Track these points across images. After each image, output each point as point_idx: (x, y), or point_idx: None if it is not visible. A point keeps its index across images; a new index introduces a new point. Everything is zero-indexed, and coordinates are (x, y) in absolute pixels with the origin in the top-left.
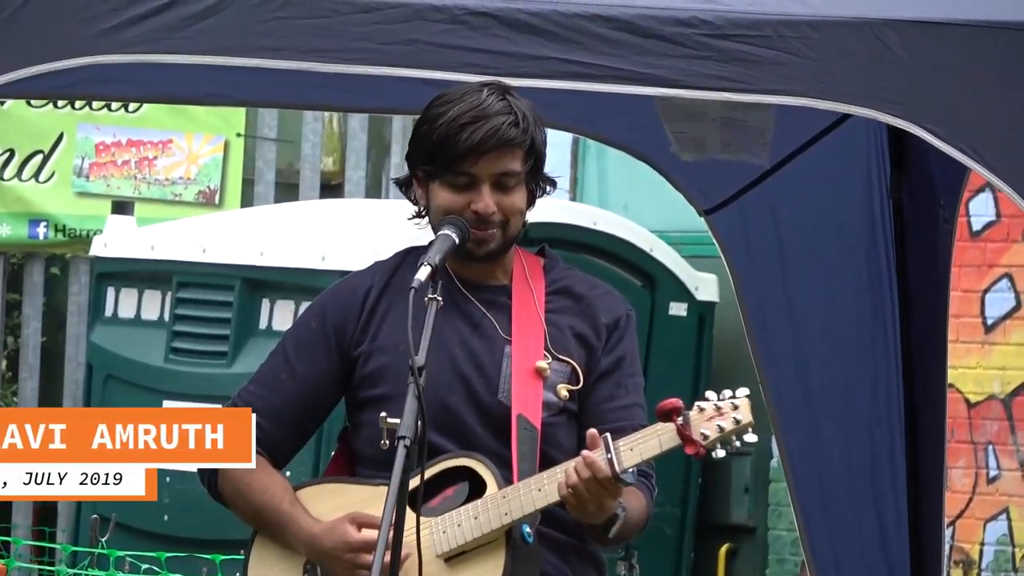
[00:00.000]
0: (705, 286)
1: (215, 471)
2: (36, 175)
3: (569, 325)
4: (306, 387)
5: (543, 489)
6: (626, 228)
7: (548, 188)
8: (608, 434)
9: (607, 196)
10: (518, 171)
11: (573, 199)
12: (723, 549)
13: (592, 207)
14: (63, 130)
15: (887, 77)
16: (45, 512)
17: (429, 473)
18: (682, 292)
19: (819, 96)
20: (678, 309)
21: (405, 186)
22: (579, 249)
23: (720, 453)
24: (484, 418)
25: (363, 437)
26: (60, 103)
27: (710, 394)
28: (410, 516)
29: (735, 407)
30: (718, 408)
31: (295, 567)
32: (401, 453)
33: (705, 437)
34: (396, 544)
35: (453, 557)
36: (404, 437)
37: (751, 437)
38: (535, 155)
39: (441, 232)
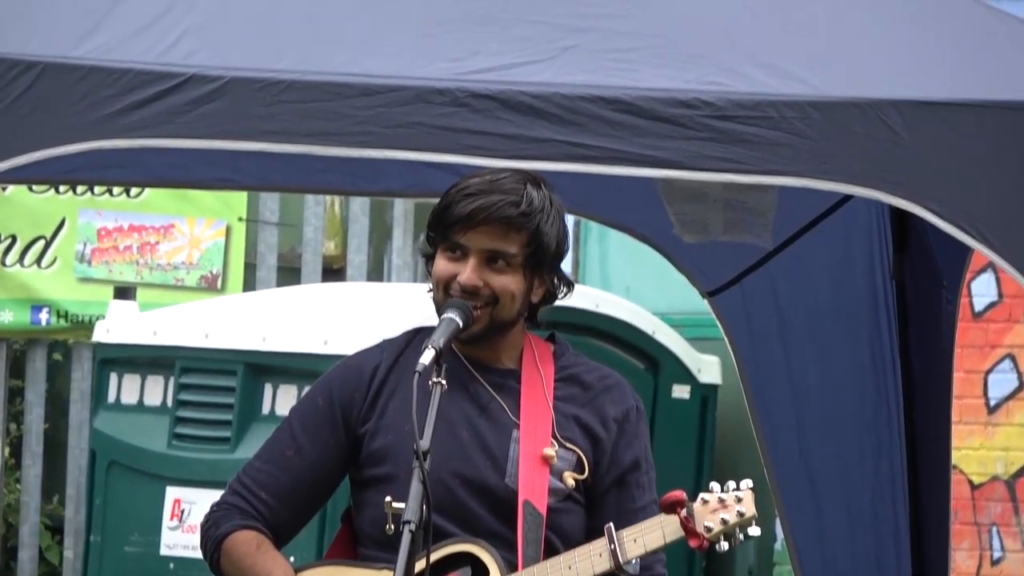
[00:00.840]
0: (708, 368)
1: (218, 546)
2: (38, 261)
3: (576, 415)
4: (312, 466)
5: None
6: (628, 310)
7: (563, 287)
8: (611, 524)
9: (609, 278)
10: (511, 253)
11: (575, 282)
12: None
13: (594, 289)
14: (65, 216)
15: (889, 157)
16: None
17: (433, 558)
18: (685, 374)
19: (821, 177)
20: (681, 391)
21: (429, 259)
22: (581, 331)
23: (724, 546)
24: (489, 501)
25: (366, 516)
26: (62, 189)
27: (714, 485)
28: None
29: (739, 500)
30: (722, 500)
31: None
32: (406, 538)
33: (709, 530)
34: None
35: None
36: (409, 522)
37: (754, 530)
38: (537, 244)
39: (445, 316)
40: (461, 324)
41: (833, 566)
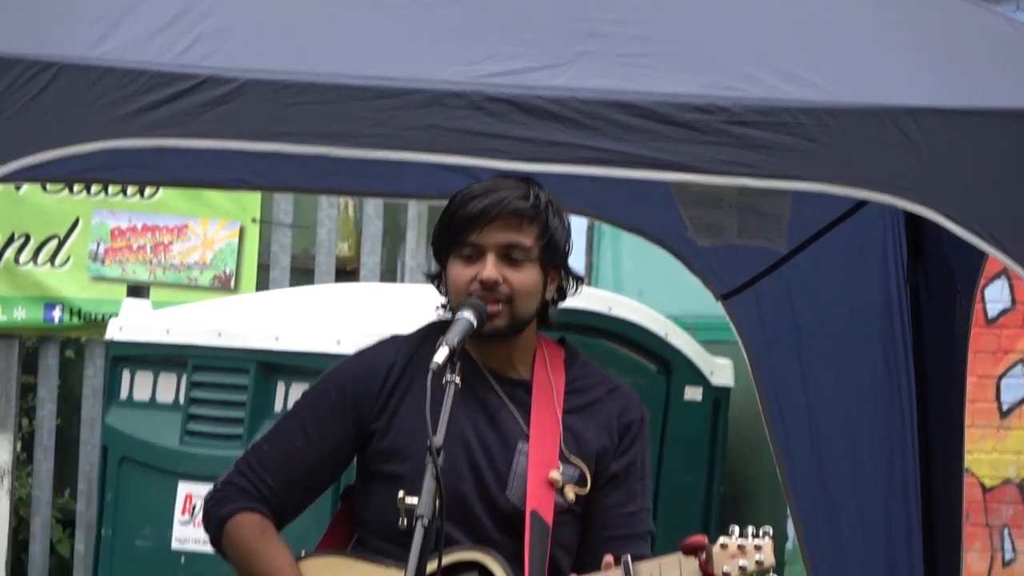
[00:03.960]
0: (720, 371)
1: (221, 525)
2: (52, 260)
3: (583, 429)
4: (319, 457)
5: None
6: (641, 313)
7: (575, 284)
8: (628, 556)
9: (622, 281)
10: (527, 246)
11: (588, 284)
12: None
13: (607, 292)
14: (79, 215)
15: (904, 163)
16: None
17: (443, 561)
18: (697, 377)
19: (836, 182)
20: (693, 394)
21: (436, 279)
22: (594, 334)
23: None
24: (492, 511)
25: (371, 506)
26: (76, 188)
27: (734, 528)
28: None
29: (758, 548)
30: (741, 547)
31: None
32: (419, 533)
33: (727, 575)
34: None
35: None
36: (422, 516)
37: None
38: (549, 236)
39: (459, 315)
40: (475, 323)
41: (845, 567)
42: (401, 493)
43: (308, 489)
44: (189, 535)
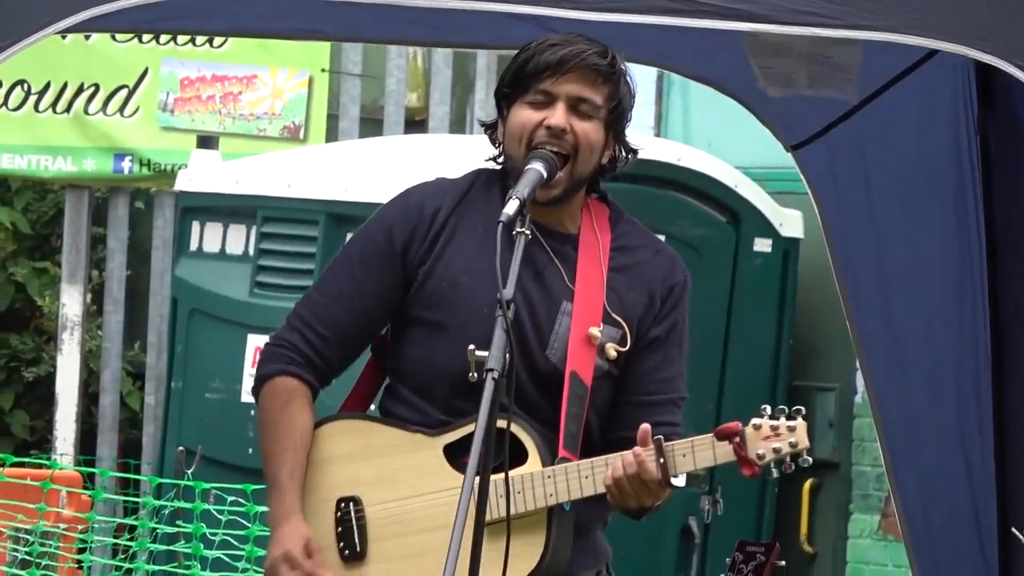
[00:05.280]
0: (790, 222)
1: (260, 384)
2: (121, 110)
3: (627, 287)
4: (370, 301)
5: (590, 478)
6: (711, 164)
7: (628, 156)
8: (661, 437)
9: (691, 132)
10: (597, 103)
11: (657, 135)
12: (807, 484)
13: (676, 143)
14: (148, 65)
15: (976, 13)
16: (130, 445)
17: (466, 431)
18: (767, 228)
19: (907, 32)
20: (762, 245)
21: (491, 129)
22: (663, 185)
23: (774, 473)
24: (530, 370)
25: (406, 354)
26: (145, 38)
27: (765, 409)
28: (452, 475)
29: (791, 429)
30: (774, 428)
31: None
32: (490, 386)
33: (761, 457)
34: (483, 484)
35: (493, 524)
36: (492, 369)
37: (806, 460)
38: (619, 100)
39: (529, 166)
40: (545, 175)
41: (914, 418)
42: (471, 347)
43: (360, 335)
44: None
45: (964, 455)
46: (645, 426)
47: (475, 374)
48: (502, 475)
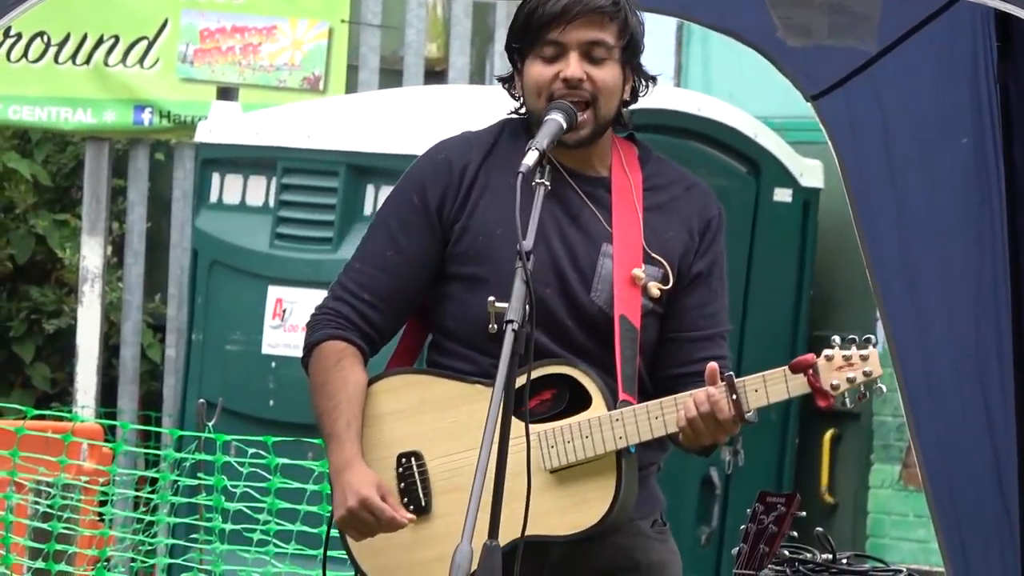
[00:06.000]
0: (810, 172)
1: (309, 352)
2: (141, 61)
3: (664, 225)
4: (412, 265)
5: (661, 419)
6: (731, 114)
7: (648, 84)
8: (732, 374)
9: (711, 82)
10: (609, 43)
11: (678, 85)
12: (828, 435)
13: (697, 93)
14: (167, 16)
15: None
16: (151, 397)
17: (523, 378)
18: (787, 178)
19: None
20: (783, 195)
21: (508, 82)
22: (683, 135)
23: (848, 403)
24: (577, 314)
25: (449, 311)
26: None
27: (836, 340)
28: (513, 423)
29: (864, 358)
30: (847, 358)
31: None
32: (509, 337)
33: (835, 388)
34: (504, 435)
35: (560, 470)
36: (512, 321)
37: (880, 389)
38: (629, 34)
39: (548, 116)
40: (565, 125)
41: (934, 370)
42: (491, 298)
43: (406, 299)
44: (279, 339)
45: (985, 406)
46: (712, 364)
47: (495, 325)
48: (559, 423)
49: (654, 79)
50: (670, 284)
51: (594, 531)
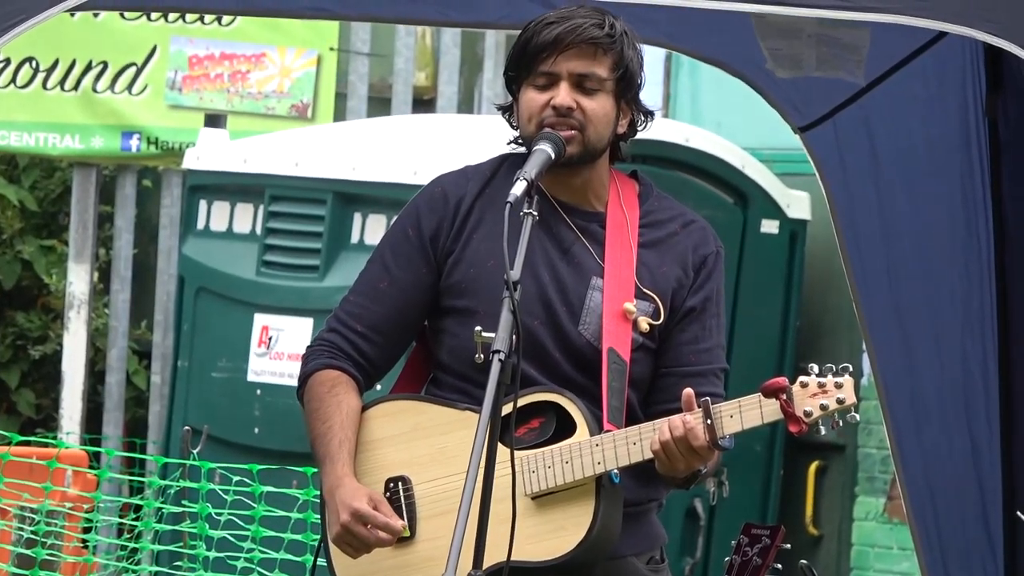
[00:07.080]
0: (797, 204)
1: (303, 383)
2: (129, 87)
3: (659, 262)
4: (406, 295)
5: (638, 444)
6: (718, 145)
7: (646, 118)
8: (707, 398)
9: (700, 113)
10: (602, 76)
11: (666, 116)
12: (812, 467)
13: (684, 124)
14: (156, 43)
15: None
16: (136, 424)
17: (519, 403)
18: (774, 209)
19: (915, 14)
20: (770, 227)
21: (507, 111)
22: (671, 166)
23: (822, 430)
24: (564, 346)
25: (444, 344)
26: (153, 16)
27: (812, 367)
28: (500, 450)
29: (839, 386)
30: (821, 385)
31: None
32: (496, 367)
33: (808, 415)
34: (489, 462)
35: (541, 496)
36: (499, 351)
37: (853, 417)
38: (624, 68)
39: (536, 147)
40: (553, 155)
41: (920, 401)
42: (478, 328)
43: (399, 331)
44: (265, 367)
45: (970, 438)
46: (688, 390)
47: (481, 355)
48: (540, 450)
49: (652, 114)
50: (661, 320)
51: (570, 559)
